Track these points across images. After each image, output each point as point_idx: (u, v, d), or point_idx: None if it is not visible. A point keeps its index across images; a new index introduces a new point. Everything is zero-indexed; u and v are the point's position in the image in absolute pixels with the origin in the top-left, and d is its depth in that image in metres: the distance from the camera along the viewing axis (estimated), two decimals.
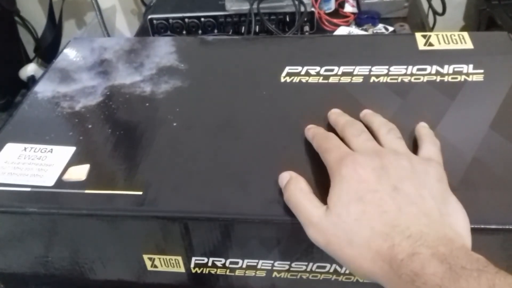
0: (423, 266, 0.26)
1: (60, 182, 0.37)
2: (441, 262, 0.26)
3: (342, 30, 0.91)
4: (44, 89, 0.48)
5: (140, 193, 0.35)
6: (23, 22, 1.37)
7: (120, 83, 0.47)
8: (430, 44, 0.49)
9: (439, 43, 0.49)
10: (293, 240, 0.34)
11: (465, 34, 0.50)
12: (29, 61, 1.35)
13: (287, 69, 0.47)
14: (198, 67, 0.49)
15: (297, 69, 0.47)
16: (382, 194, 0.29)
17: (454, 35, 0.49)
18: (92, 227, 0.36)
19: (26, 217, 0.36)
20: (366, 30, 0.92)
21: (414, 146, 0.37)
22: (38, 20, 1.37)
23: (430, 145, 0.35)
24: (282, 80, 0.46)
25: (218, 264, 0.37)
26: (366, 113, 0.39)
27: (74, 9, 1.37)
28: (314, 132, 0.38)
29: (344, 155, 0.32)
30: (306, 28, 0.93)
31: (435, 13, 1.04)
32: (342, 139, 0.36)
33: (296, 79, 0.46)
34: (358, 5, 0.97)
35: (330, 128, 0.39)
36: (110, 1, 1.35)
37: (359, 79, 0.45)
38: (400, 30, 0.91)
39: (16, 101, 1.31)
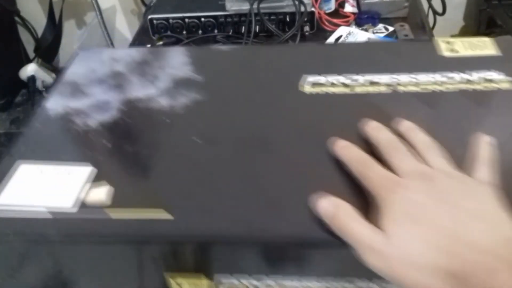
0: (503, 286, 0.25)
1: (81, 206, 0.35)
2: None
3: (342, 30, 0.92)
4: (55, 105, 0.45)
5: (169, 216, 0.34)
6: (23, 22, 1.36)
7: (135, 97, 0.45)
8: (454, 51, 0.47)
9: (464, 49, 0.47)
10: (327, 260, 0.33)
11: (487, 40, 0.48)
12: (29, 61, 1.34)
13: (310, 79, 0.45)
14: (215, 78, 0.47)
15: (320, 79, 0.45)
16: (440, 214, 0.29)
17: (477, 41, 0.48)
18: (118, 254, 0.34)
19: (47, 244, 0.34)
20: (366, 30, 0.92)
21: (457, 160, 0.35)
22: (38, 20, 1.36)
23: (485, 167, 0.33)
24: (306, 91, 0.44)
25: (250, 286, 0.36)
26: (408, 128, 0.37)
27: (74, 9, 1.37)
28: (349, 155, 0.35)
29: (391, 183, 0.31)
30: (306, 28, 0.93)
31: (435, 13, 1.04)
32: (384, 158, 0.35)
33: (320, 90, 0.44)
34: (358, 5, 0.97)
35: (364, 143, 0.37)
36: (110, 1, 1.35)
37: (386, 89, 0.43)
38: (400, 30, 0.92)
39: (16, 101, 1.31)
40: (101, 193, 0.35)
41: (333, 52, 0.50)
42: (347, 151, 0.36)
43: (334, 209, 0.32)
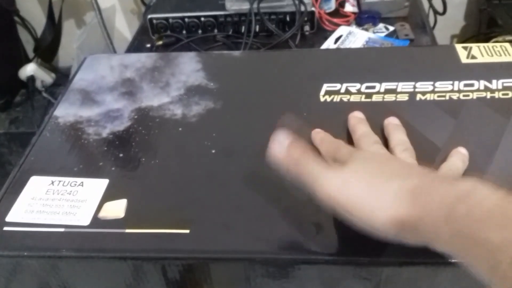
0: (474, 187, 0.25)
1: (96, 221, 0.34)
2: (495, 189, 0.25)
3: (342, 30, 0.92)
4: (65, 113, 0.44)
5: (187, 231, 0.33)
6: (23, 22, 1.37)
7: (147, 105, 0.44)
8: (473, 57, 0.46)
9: (482, 55, 0.46)
10: (356, 280, 0.32)
11: (507, 45, 0.48)
12: (28, 61, 1.35)
13: (326, 87, 0.44)
14: (228, 85, 0.46)
15: (336, 86, 0.44)
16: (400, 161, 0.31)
17: (496, 47, 0.47)
18: (136, 271, 0.33)
19: (61, 261, 0.33)
20: (366, 29, 0.92)
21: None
22: (38, 20, 1.37)
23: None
24: (322, 99, 0.43)
25: None
26: (389, 123, 0.38)
27: (74, 9, 1.37)
28: (322, 137, 0.37)
29: (352, 151, 0.33)
30: (306, 27, 0.93)
31: (435, 12, 1.04)
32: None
33: (336, 98, 0.43)
34: (359, 5, 0.97)
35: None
36: (109, 1, 1.35)
37: (404, 97, 0.42)
38: (400, 30, 0.92)
39: (16, 101, 1.31)
40: (115, 207, 0.35)
41: (351, 59, 0.49)
42: (320, 134, 0.38)
43: (284, 147, 0.31)
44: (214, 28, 0.95)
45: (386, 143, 0.37)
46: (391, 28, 0.92)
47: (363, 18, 0.94)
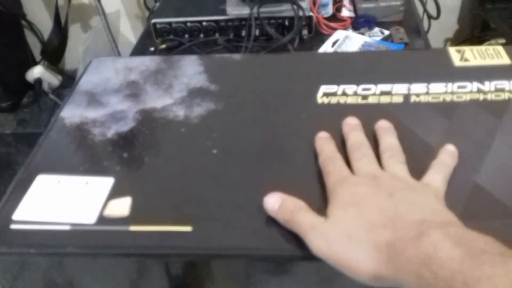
0: (435, 248, 0.25)
1: (101, 219, 0.34)
2: (457, 244, 0.24)
3: (339, 34, 0.94)
4: (71, 114, 0.45)
5: (190, 229, 0.33)
6: (30, 25, 1.38)
7: (151, 107, 0.45)
8: (466, 60, 0.47)
9: (475, 58, 0.47)
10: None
11: (500, 48, 0.48)
12: (35, 63, 1.36)
13: (323, 89, 0.45)
14: (229, 88, 0.47)
15: (332, 88, 0.45)
16: (379, 199, 0.31)
17: (489, 50, 0.48)
18: (140, 267, 0.34)
19: (67, 258, 0.33)
20: (362, 33, 0.94)
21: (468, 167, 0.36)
22: (44, 23, 1.38)
23: (435, 173, 0.34)
24: (319, 101, 0.44)
25: None
26: (380, 127, 0.39)
27: (80, 13, 1.38)
28: (322, 146, 0.38)
29: (342, 178, 0.33)
30: (305, 31, 0.94)
31: (429, 17, 1.06)
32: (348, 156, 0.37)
33: (333, 100, 0.44)
34: (355, 9, 0.99)
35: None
36: (114, 6, 1.36)
37: (399, 99, 0.43)
38: (395, 34, 0.93)
39: (23, 102, 1.32)
40: (120, 205, 0.35)
41: (348, 62, 0.50)
42: (322, 142, 0.38)
43: (279, 202, 0.33)
44: (216, 32, 0.96)
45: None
46: (386, 32, 0.94)
47: (359, 23, 0.96)
